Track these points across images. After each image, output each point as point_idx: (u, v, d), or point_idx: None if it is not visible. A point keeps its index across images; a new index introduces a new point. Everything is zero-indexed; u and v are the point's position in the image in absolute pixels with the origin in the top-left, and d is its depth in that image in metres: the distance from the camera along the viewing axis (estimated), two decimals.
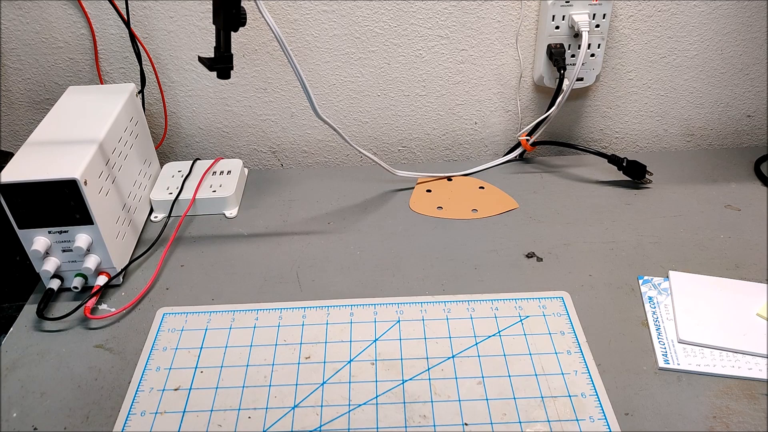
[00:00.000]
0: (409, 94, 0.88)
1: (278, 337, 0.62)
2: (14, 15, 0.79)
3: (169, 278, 0.70)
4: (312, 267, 0.71)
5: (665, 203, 0.79)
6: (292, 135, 0.92)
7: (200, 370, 0.59)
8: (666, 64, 0.87)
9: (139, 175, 0.79)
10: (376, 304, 0.65)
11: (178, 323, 0.64)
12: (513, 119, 0.91)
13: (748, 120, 0.93)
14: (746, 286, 0.66)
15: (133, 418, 0.55)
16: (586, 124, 0.93)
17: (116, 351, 0.62)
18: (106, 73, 0.85)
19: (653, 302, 0.65)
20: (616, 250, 0.72)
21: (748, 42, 0.85)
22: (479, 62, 0.86)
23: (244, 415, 0.55)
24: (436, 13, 0.81)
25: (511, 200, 0.81)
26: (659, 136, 0.94)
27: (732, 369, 0.57)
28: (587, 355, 0.59)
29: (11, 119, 0.89)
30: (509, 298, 0.65)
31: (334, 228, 0.77)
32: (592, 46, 0.82)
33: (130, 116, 0.77)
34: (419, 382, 0.57)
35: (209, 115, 0.89)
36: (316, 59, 0.84)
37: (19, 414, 0.56)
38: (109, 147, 0.69)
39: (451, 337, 0.61)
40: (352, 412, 0.55)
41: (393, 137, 0.92)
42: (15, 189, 0.61)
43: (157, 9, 0.80)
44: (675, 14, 0.82)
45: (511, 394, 0.56)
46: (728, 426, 0.52)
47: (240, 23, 0.63)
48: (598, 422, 0.53)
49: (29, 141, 0.67)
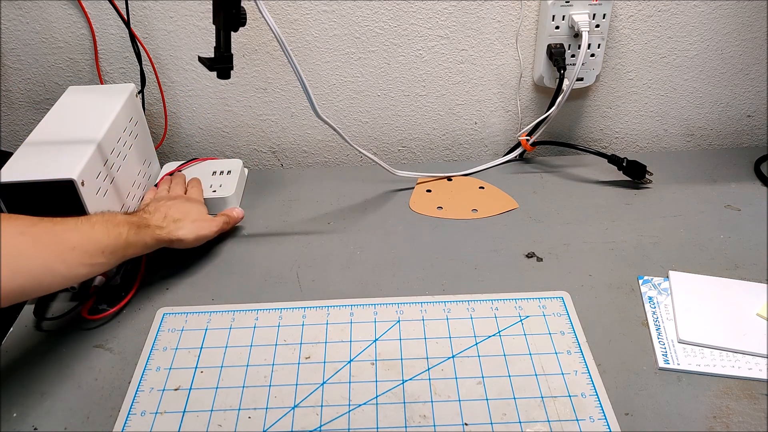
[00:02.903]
0: (409, 94, 0.88)
1: (278, 337, 0.62)
2: (14, 15, 0.79)
3: (169, 278, 0.70)
4: (312, 267, 0.71)
5: (665, 203, 0.79)
6: (292, 135, 0.92)
7: (200, 370, 0.59)
8: (666, 64, 0.87)
9: (138, 176, 0.79)
10: (376, 304, 0.65)
11: (178, 323, 0.64)
12: (513, 119, 0.91)
13: (748, 120, 0.93)
14: (746, 286, 0.66)
15: (133, 418, 0.55)
16: (586, 124, 0.93)
17: (116, 351, 0.62)
18: (106, 73, 0.85)
19: (653, 302, 0.65)
20: (616, 250, 0.72)
21: (748, 42, 0.85)
22: (479, 62, 0.86)
23: (244, 415, 0.55)
24: (436, 13, 0.81)
25: (511, 200, 0.81)
26: (659, 136, 0.94)
27: (732, 369, 0.57)
28: (587, 355, 0.59)
29: (11, 119, 0.89)
30: (509, 298, 0.65)
31: (334, 228, 0.77)
32: (592, 46, 0.82)
33: (130, 116, 0.77)
34: (419, 382, 0.57)
35: (209, 115, 0.89)
36: (316, 59, 0.84)
37: (19, 414, 0.56)
38: (108, 147, 0.69)
39: (451, 337, 0.61)
40: (352, 412, 0.55)
41: (393, 137, 0.92)
42: (12, 189, 0.61)
43: (157, 9, 0.80)
44: (675, 14, 0.82)
45: (511, 394, 0.55)
46: (728, 426, 0.52)
47: (240, 23, 0.63)
48: (598, 422, 0.53)
49: (28, 141, 0.67)
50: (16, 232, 0.50)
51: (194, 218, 0.68)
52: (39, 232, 0.52)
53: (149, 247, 0.62)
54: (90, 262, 0.55)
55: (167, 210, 0.66)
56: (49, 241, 0.52)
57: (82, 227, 0.55)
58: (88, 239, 0.55)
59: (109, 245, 0.56)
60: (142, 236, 0.61)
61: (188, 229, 0.66)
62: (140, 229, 0.60)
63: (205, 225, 0.69)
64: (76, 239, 0.54)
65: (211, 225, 0.70)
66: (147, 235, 0.61)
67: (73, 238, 0.54)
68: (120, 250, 0.57)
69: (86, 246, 0.54)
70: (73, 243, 0.53)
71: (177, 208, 0.68)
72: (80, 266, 0.54)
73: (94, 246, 0.55)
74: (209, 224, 0.70)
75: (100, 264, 0.56)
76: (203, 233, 0.68)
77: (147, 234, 0.61)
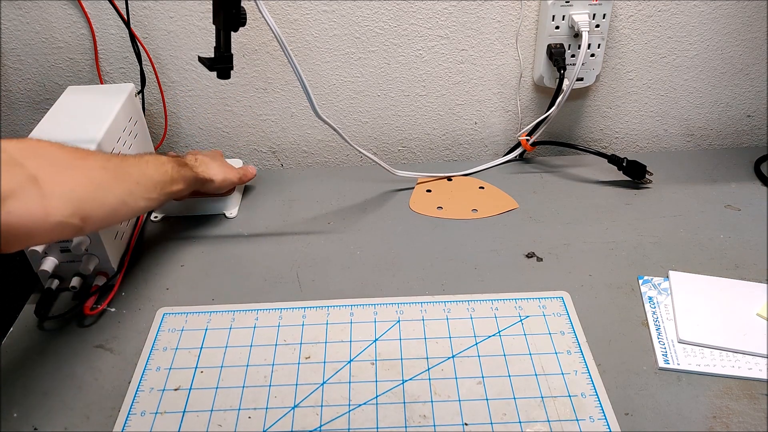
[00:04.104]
0: (409, 94, 0.88)
1: (278, 337, 0.62)
2: (14, 15, 0.79)
3: (169, 278, 0.70)
4: (312, 267, 0.71)
5: (665, 203, 0.79)
6: (292, 135, 0.92)
7: (200, 370, 0.59)
8: (666, 64, 0.87)
9: None
10: (376, 304, 0.65)
11: (178, 323, 0.64)
12: (513, 119, 0.91)
13: (748, 120, 0.93)
14: (746, 286, 0.66)
15: (133, 418, 0.55)
16: (586, 124, 0.93)
17: (116, 351, 0.62)
18: (106, 73, 0.85)
19: (653, 302, 0.65)
20: (616, 250, 0.72)
21: (748, 42, 0.85)
22: (479, 62, 0.86)
23: (244, 415, 0.55)
24: (436, 13, 0.81)
25: (511, 200, 0.81)
26: (659, 136, 0.94)
27: (732, 369, 0.57)
28: (587, 355, 0.59)
29: (11, 119, 0.89)
30: (509, 298, 0.65)
31: (334, 228, 0.77)
32: (592, 46, 0.82)
33: (129, 116, 0.76)
34: (419, 382, 0.57)
35: (209, 115, 0.89)
36: (316, 59, 0.84)
37: (19, 414, 0.56)
38: (108, 147, 0.69)
39: (451, 337, 0.61)
40: (352, 412, 0.55)
41: (393, 137, 0.92)
42: None
43: (157, 9, 0.80)
44: (675, 14, 0.82)
45: (511, 394, 0.56)
46: (728, 426, 0.52)
47: (240, 23, 0.63)
48: (598, 422, 0.53)
49: None
50: (98, 167, 0.55)
51: (221, 163, 0.77)
52: (114, 167, 0.57)
53: (189, 181, 0.68)
54: (148, 196, 0.60)
55: (199, 155, 0.74)
56: (123, 175, 0.57)
57: (139, 164, 0.61)
58: (145, 175, 0.60)
59: (160, 181, 0.62)
60: (184, 172, 0.67)
61: (217, 170, 0.73)
62: (181, 167, 0.67)
63: (230, 170, 0.77)
64: (137, 175, 0.59)
65: (234, 172, 0.78)
66: (187, 172, 0.68)
67: (135, 174, 0.59)
68: (167, 185, 0.63)
69: (145, 181, 0.60)
70: (136, 178, 0.59)
71: (206, 155, 0.76)
72: (141, 200, 0.59)
73: (150, 181, 0.61)
74: (233, 171, 0.78)
75: (154, 199, 0.61)
76: (229, 177, 0.75)
77: (187, 171, 0.68)
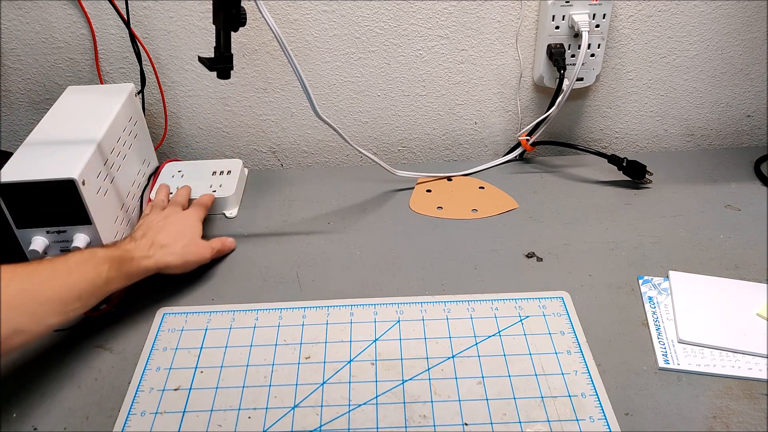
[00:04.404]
0: (409, 94, 0.88)
1: (278, 337, 0.62)
2: (14, 15, 0.79)
3: (169, 278, 0.70)
4: (312, 267, 0.71)
5: (665, 203, 0.79)
6: (292, 135, 0.92)
7: (200, 370, 0.59)
8: (666, 64, 0.87)
9: (138, 175, 0.79)
10: (376, 304, 0.65)
11: (178, 323, 0.64)
12: (513, 119, 0.91)
13: (748, 120, 0.93)
14: (746, 286, 0.66)
15: (133, 418, 0.55)
16: (586, 124, 0.93)
17: (116, 351, 0.62)
18: (106, 73, 0.85)
19: (653, 302, 0.64)
20: (616, 250, 0.72)
21: (748, 42, 0.85)
22: (479, 62, 0.86)
23: (244, 415, 0.55)
24: (436, 13, 0.81)
25: (511, 200, 0.81)
26: (659, 136, 0.94)
27: (732, 369, 0.57)
28: (587, 355, 0.59)
29: (11, 119, 0.89)
30: (509, 298, 0.65)
31: (334, 228, 0.77)
32: (592, 46, 0.82)
33: (129, 116, 0.77)
34: (419, 382, 0.57)
35: (209, 115, 0.89)
36: (316, 59, 0.84)
37: (19, 414, 0.56)
38: (108, 147, 0.69)
39: (451, 337, 0.61)
40: (352, 412, 0.55)
41: (393, 137, 0.92)
42: (13, 189, 0.61)
43: (157, 9, 0.80)
44: (675, 14, 0.82)
45: (511, 394, 0.55)
46: (728, 426, 0.52)
47: (240, 23, 0.63)
48: (598, 422, 0.53)
49: (27, 141, 0.67)
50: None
51: (185, 243, 0.66)
52: (13, 292, 0.50)
53: (133, 278, 0.61)
54: (63, 311, 0.53)
55: (155, 235, 0.65)
56: (22, 300, 0.51)
57: (60, 273, 0.54)
58: (64, 287, 0.54)
59: (87, 288, 0.55)
60: (125, 269, 0.59)
61: (177, 254, 0.65)
62: (123, 263, 0.59)
63: (195, 251, 0.67)
64: (51, 290, 0.53)
65: (202, 251, 0.68)
66: (131, 268, 0.60)
67: (48, 290, 0.53)
68: (100, 288, 0.56)
69: (61, 294, 0.53)
70: (47, 295, 0.52)
71: (167, 231, 0.66)
72: (52, 316, 0.52)
73: (69, 293, 0.54)
74: (201, 250, 0.68)
75: (75, 309, 0.54)
76: (192, 259, 0.67)
77: (131, 266, 0.60)
